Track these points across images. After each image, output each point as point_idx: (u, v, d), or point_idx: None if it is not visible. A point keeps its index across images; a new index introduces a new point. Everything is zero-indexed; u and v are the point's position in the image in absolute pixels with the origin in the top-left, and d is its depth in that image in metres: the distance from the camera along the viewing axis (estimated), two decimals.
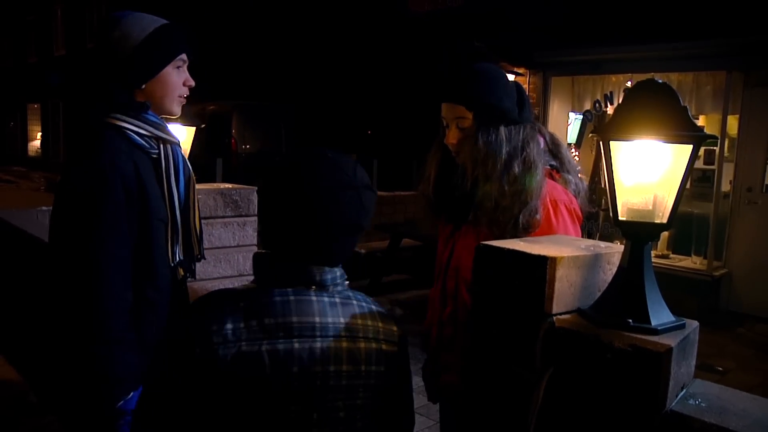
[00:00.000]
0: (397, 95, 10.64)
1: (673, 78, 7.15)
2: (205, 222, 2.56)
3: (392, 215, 7.94)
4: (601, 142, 1.41)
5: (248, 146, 11.42)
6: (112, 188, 1.74)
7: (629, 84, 7.45)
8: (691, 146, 1.33)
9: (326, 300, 1.41)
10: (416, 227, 7.06)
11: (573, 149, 10.04)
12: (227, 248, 2.62)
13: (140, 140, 1.87)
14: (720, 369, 5.72)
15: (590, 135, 8.77)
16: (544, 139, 2.15)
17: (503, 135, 1.95)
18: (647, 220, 1.41)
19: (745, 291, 7.05)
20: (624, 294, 1.43)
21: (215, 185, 2.69)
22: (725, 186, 7.29)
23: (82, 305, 1.70)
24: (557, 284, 1.47)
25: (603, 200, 8.38)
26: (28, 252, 4.87)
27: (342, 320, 1.41)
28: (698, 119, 7.69)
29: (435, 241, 6.96)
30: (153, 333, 1.83)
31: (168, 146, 1.98)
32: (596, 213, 8.45)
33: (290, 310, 1.35)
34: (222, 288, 1.44)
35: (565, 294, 1.50)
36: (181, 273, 1.96)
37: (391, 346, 1.52)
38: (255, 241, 2.70)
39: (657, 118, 1.32)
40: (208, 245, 2.63)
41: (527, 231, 1.89)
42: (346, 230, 1.43)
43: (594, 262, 1.57)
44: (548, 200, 1.99)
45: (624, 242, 1.48)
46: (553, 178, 2.12)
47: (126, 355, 1.72)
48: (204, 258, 2.04)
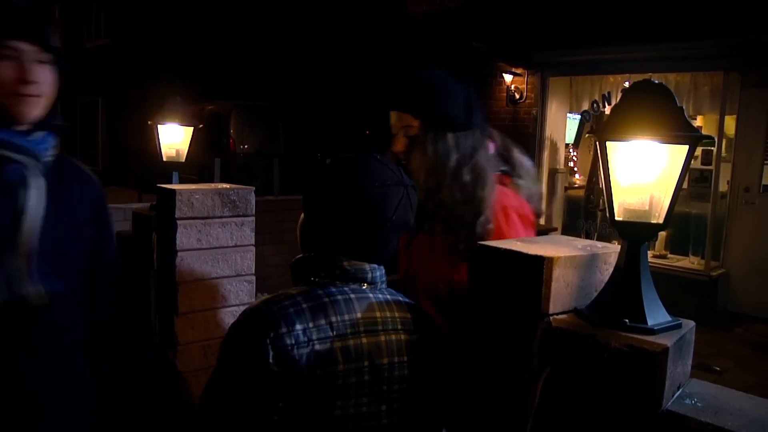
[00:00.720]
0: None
1: (671, 78, 7.17)
2: (203, 222, 2.56)
3: None
4: (598, 143, 1.42)
5: (246, 146, 11.42)
6: None
7: (627, 84, 7.46)
8: (687, 147, 1.34)
9: (380, 296, 1.48)
10: None
11: (571, 149, 10.07)
12: (225, 248, 2.63)
13: None
14: (717, 369, 5.73)
15: (587, 135, 8.80)
16: (495, 144, 2.11)
17: (451, 142, 1.92)
18: (643, 221, 1.41)
19: (743, 291, 7.07)
20: (620, 294, 1.43)
21: (213, 185, 2.70)
22: (723, 186, 7.30)
23: None
24: (554, 284, 1.48)
25: (600, 200, 8.40)
26: None
27: (397, 314, 1.48)
28: (696, 119, 7.71)
29: None
30: None
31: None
32: (594, 213, 8.47)
33: (353, 308, 1.41)
34: (268, 296, 1.42)
35: (562, 294, 1.51)
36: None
37: (430, 337, 1.58)
38: (253, 241, 2.70)
39: (653, 119, 1.33)
40: (206, 245, 2.64)
41: (482, 239, 1.85)
42: (397, 228, 1.49)
43: (591, 262, 1.58)
44: (498, 207, 1.94)
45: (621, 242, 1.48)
46: (504, 184, 2.07)
47: None
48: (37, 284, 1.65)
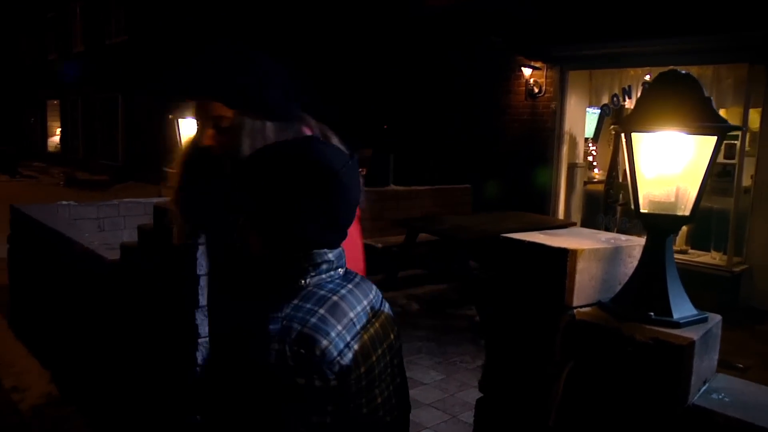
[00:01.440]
0: (413, 90, 10.62)
1: (693, 71, 7.01)
2: None
3: (409, 210, 7.92)
4: (623, 134, 1.40)
5: None
6: None
7: (648, 78, 7.37)
8: (715, 138, 1.32)
9: (357, 278, 1.42)
10: (432, 222, 7.04)
11: (590, 144, 9.97)
12: None
13: None
14: (740, 366, 5.65)
15: (611, 128, 8.66)
16: (312, 132, 1.89)
17: (270, 134, 1.72)
18: (669, 213, 1.39)
19: (766, 287, 6.97)
20: (645, 287, 1.42)
21: None
22: (746, 181, 7.19)
23: None
24: (578, 277, 1.47)
25: (621, 195, 8.32)
26: (48, 244, 4.93)
27: (372, 295, 1.43)
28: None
29: (453, 237, 6.88)
30: None
31: None
32: (613, 208, 8.39)
33: (358, 297, 1.36)
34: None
35: (586, 287, 1.50)
36: None
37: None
38: None
39: (680, 110, 1.31)
40: None
41: None
42: (354, 209, 1.40)
43: (614, 255, 1.56)
44: None
45: (645, 236, 1.46)
46: None
47: None
48: None
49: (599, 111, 8.85)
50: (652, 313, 1.36)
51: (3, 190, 15.29)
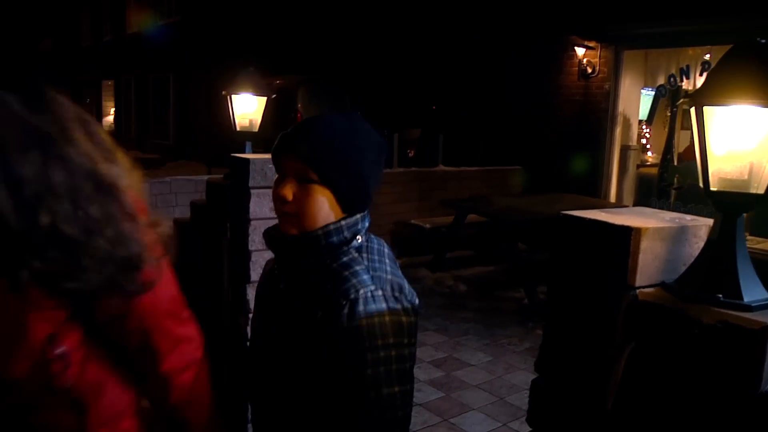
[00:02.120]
0: (463, 70, 10.50)
1: None
2: None
3: (458, 191, 7.87)
4: (694, 108, 1.34)
5: None
6: None
7: (708, 57, 7.10)
8: None
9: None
10: (482, 203, 6.98)
11: (644, 126, 9.72)
12: None
13: None
14: None
15: (680, 102, 8.36)
16: None
17: None
18: (741, 190, 1.33)
19: None
20: (713, 268, 1.36)
21: None
22: None
23: None
24: (641, 256, 1.42)
25: (675, 178, 8.09)
26: None
27: None
28: None
29: (503, 219, 6.81)
30: None
31: None
32: (667, 192, 8.17)
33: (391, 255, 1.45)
34: (366, 275, 1.32)
35: (649, 266, 1.45)
36: None
37: None
38: None
39: (757, 82, 1.24)
40: (274, 216, 2.66)
41: None
42: None
43: (679, 235, 1.51)
44: None
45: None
46: None
47: None
48: None
49: (654, 92, 8.61)
50: (721, 296, 1.31)
51: None
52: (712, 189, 1.36)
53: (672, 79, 7.63)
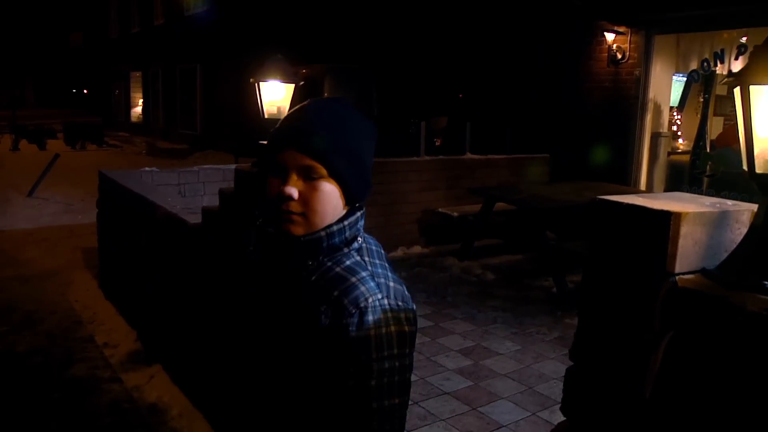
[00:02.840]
0: (490, 57, 10.40)
1: None
2: None
3: (485, 179, 7.80)
4: (739, 88, 1.29)
5: None
6: None
7: (744, 40, 6.93)
8: None
9: None
10: (510, 191, 6.91)
11: (675, 113, 9.54)
12: None
13: None
14: None
15: (725, 80, 8.16)
16: None
17: None
18: None
19: None
20: (758, 254, 1.32)
21: None
22: None
23: None
24: (681, 241, 1.38)
25: (708, 166, 7.93)
26: (133, 208, 5.10)
27: None
28: None
29: (531, 207, 6.78)
30: None
31: None
32: (699, 179, 8.02)
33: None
34: (367, 280, 1.27)
35: (689, 252, 1.41)
36: None
37: None
38: None
39: None
40: None
41: None
42: None
43: (721, 220, 1.46)
44: None
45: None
46: None
47: None
48: None
49: (686, 78, 8.44)
50: (766, 282, 1.26)
51: (91, 159, 15.99)
52: (758, 172, 1.31)
53: (705, 64, 7.46)
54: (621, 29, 8.21)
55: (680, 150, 9.54)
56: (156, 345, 4.56)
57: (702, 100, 8.93)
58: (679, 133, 10.00)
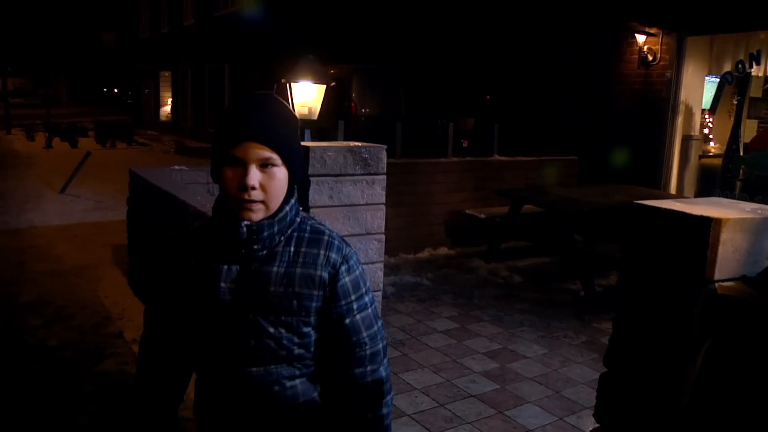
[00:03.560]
0: (519, 59, 10.33)
1: None
2: (335, 179, 2.57)
3: (512, 181, 7.75)
4: None
5: (367, 110, 11.49)
6: None
7: None
8: None
9: None
10: (538, 193, 6.86)
11: (707, 115, 9.38)
12: (356, 206, 2.62)
13: None
14: None
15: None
16: None
17: None
18: None
19: None
20: None
21: (345, 143, 2.70)
22: None
23: None
24: (721, 248, 1.35)
25: (741, 170, 7.80)
26: (163, 206, 5.15)
27: None
28: None
29: (559, 209, 6.73)
30: None
31: None
32: (732, 183, 7.89)
33: None
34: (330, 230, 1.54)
35: (729, 259, 1.38)
36: None
37: None
38: (383, 200, 2.68)
39: None
40: (338, 203, 2.65)
41: None
42: None
43: (762, 227, 1.43)
44: None
45: None
46: None
47: None
48: None
49: (719, 80, 8.30)
50: None
51: (121, 157, 16.22)
52: None
53: (740, 66, 7.33)
54: (652, 30, 8.12)
55: (711, 153, 9.39)
56: None
57: (735, 103, 8.78)
58: (711, 136, 9.83)
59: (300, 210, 1.49)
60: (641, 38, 8.18)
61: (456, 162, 7.60)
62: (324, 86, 3.18)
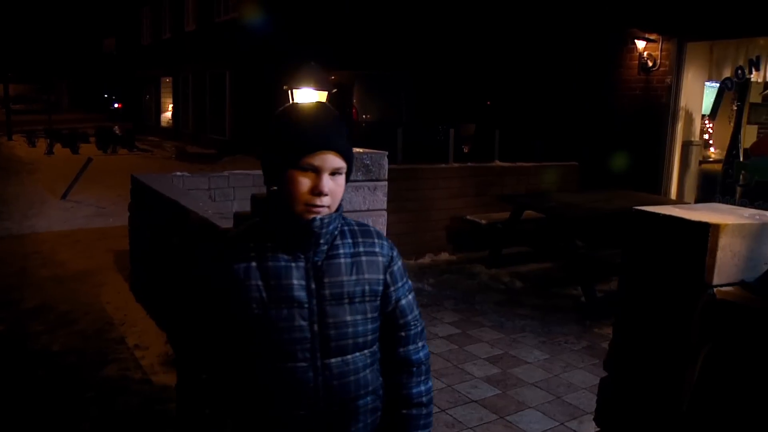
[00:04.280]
0: (519, 64, 10.36)
1: None
2: None
3: (514, 186, 7.77)
4: None
5: (368, 116, 11.51)
6: None
7: None
8: None
9: None
10: (539, 199, 6.88)
11: (707, 121, 9.40)
12: (358, 212, 2.64)
13: None
14: None
15: (765, 92, 7.99)
16: None
17: None
18: None
19: None
20: None
21: None
22: None
23: None
24: (719, 253, 1.37)
25: (741, 175, 7.82)
26: (165, 212, 5.17)
27: None
28: None
29: (561, 215, 6.74)
30: None
31: None
32: (732, 188, 7.91)
33: None
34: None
35: (728, 264, 1.39)
36: None
37: None
38: (385, 206, 2.70)
39: None
40: None
41: None
42: None
43: (761, 232, 1.45)
44: None
45: None
46: None
47: None
48: None
49: (719, 86, 8.32)
50: None
51: (122, 163, 16.24)
52: None
53: (740, 72, 7.35)
54: (652, 36, 8.14)
55: (712, 159, 9.41)
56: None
57: (735, 108, 8.80)
58: (711, 142, 9.86)
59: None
60: (641, 44, 8.21)
61: (457, 168, 7.62)
62: (325, 92, 3.20)
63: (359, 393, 1.53)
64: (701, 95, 8.38)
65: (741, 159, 8.02)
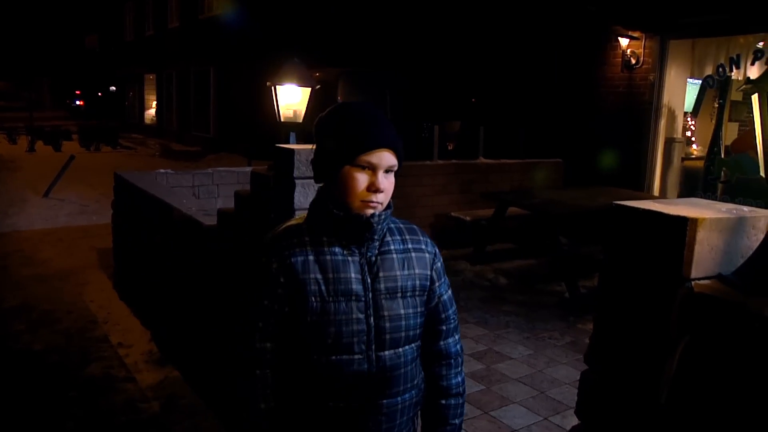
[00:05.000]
0: (504, 62, 10.39)
1: None
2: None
3: (498, 183, 7.80)
4: (758, 94, 1.30)
5: None
6: None
7: (761, 45, 6.88)
8: None
9: None
10: (523, 196, 6.91)
11: (689, 118, 9.49)
12: None
13: None
14: None
15: (741, 88, 8.03)
16: None
17: None
18: None
19: None
20: None
21: None
22: None
23: None
24: (697, 247, 1.38)
25: (722, 172, 7.89)
26: (148, 209, 5.15)
27: None
28: None
29: (545, 212, 6.80)
30: None
31: None
32: (714, 185, 7.99)
33: None
34: None
35: (705, 258, 1.41)
36: None
37: None
38: None
39: None
40: None
41: None
42: None
43: (737, 226, 1.46)
44: None
45: None
46: None
47: None
48: None
49: (701, 83, 8.40)
50: None
51: (106, 160, 16.13)
52: None
53: (721, 69, 7.42)
54: (635, 34, 8.20)
55: (694, 156, 9.50)
56: (170, 345, 4.60)
57: (717, 106, 8.89)
58: (693, 139, 9.94)
59: None
60: (624, 42, 8.27)
61: (442, 165, 7.64)
62: (309, 89, 3.19)
63: (406, 386, 1.59)
64: (684, 92, 8.45)
65: (722, 156, 8.10)
